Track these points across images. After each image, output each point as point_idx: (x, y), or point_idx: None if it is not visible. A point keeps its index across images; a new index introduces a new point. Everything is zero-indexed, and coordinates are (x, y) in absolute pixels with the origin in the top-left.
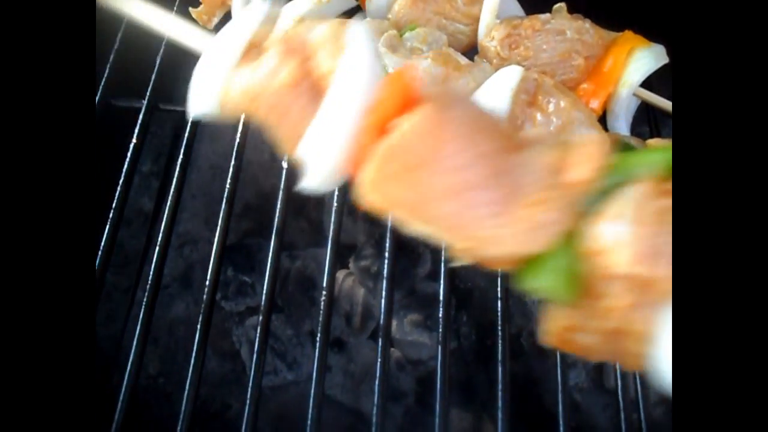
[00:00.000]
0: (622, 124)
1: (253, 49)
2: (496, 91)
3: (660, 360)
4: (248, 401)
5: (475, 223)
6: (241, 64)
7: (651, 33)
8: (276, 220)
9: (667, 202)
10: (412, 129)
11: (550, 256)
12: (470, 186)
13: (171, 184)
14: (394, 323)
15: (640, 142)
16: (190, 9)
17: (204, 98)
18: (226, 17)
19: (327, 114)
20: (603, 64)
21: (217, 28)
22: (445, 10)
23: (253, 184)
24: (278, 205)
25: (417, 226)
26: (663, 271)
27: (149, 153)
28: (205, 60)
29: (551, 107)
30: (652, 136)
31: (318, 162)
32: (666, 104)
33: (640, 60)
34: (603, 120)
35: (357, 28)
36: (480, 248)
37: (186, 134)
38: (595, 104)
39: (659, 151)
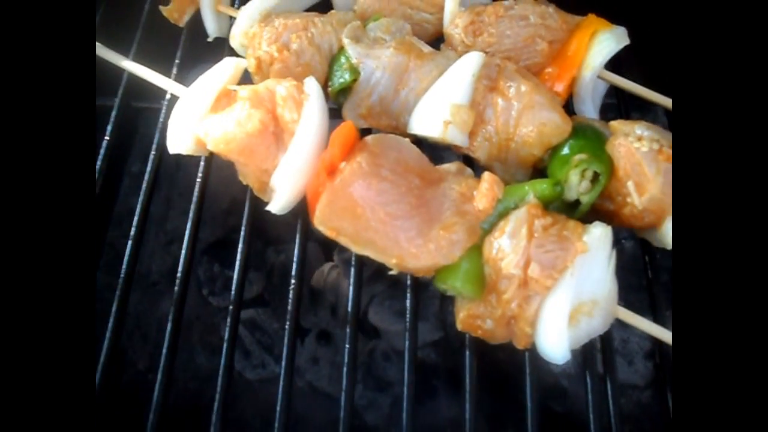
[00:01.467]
0: (588, 107)
1: (222, 99)
2: (457, 78)
3: (541, 339)
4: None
5: (401, 245)
6: (213, 110)
7: (614, 15)
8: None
9: (540, 221)
10: (351, 173)
11: (459, 264)
12: (397, 217)
13: (159, 181)
14: (378, 314)
15: (604, 124)
16: (161, 7)
17: (180, 138)
18: (196, 15)
19: (292, 154)
20: (567, 48)
21: (188, 26)
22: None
23: (239, 180)
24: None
25: (357, 250)
26: (535, 272)
27: (139, 154)
28: (181, 106)
29: (512, 92)
30: (621, 116)
31: (282, 192)
32: (632, 86)
33: (602, 42)
34: (570, 103)
35: (312, 84)
36: (406, 263)
37: (158, 131)
38: (560, 88)
39: (537, 183)
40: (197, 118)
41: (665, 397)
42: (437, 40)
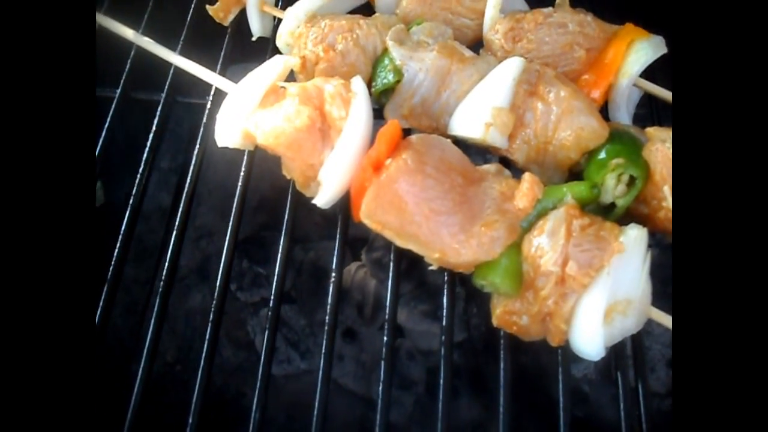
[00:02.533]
0: (623, 114)
1: (270, 95)
2: (499, 82)
3: (576, 335)
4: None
5: (443, 240)
6: (261, 105)
7: (652, 25)
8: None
9: (578, 222)
10: (396, 169)
11: (499, 261)
12: (440, 212)
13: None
14: (404, 313)
15: (639, 131)
16: (207, 6)
17: (229, 133)
18: (242, 15)
19: (340, 150)
20: (604, 55)
21: (233, 25)
22: (451, 5)
23: (268, 178)
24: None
25: (401, 243)
26: (573, 270)
27: (168, 150)
28: (230, 100)
29: (552, 97)
30: (653, 125)
31: (329, 186)
32: (666, 94)
33: (640, 51)
34: (605, 110)
35: (359, 83)
36: (447, 258)
37: (202, 125)
38: (596, 94)
39: (575, 185)
40: (247, 112)
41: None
42: (476, 45)
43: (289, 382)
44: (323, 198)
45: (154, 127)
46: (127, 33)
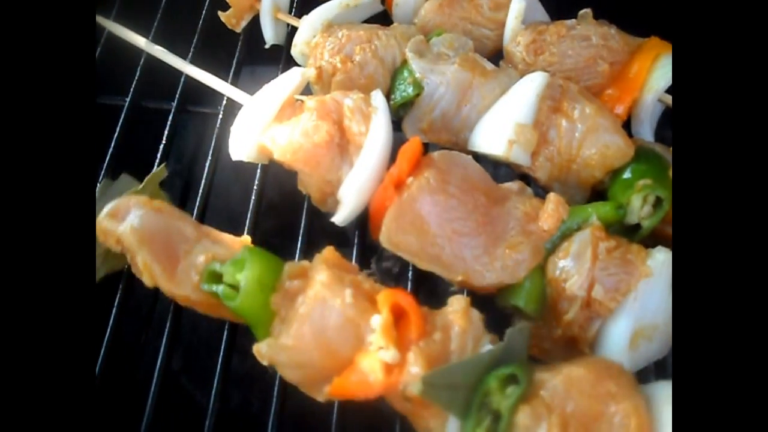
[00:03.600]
0: (646, 130)
1: (287, 108)
2: (522, 97)
3: None
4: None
5: (467, 262)
6: (277, 119)
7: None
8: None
9: (604, 244)
10: (418, 188)
11: (522, 284)
12: (463, 234)
13: (195, 184)
14: None
15: (665, 148)
16: (219, 13)
17: (244, 146)
18: (255, 21)
19: (360, 167)
20: (628, 69)
21: (245, 31)
22: (470, 15)
23: (276, 183)
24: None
25: (422, 265)
26: (599, 294)
27: (173, 153)
28: (245, 113)
29: (576, 113)
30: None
31: (348, 204)
32: None
33: (666, 66)
34: (627, 125)
35: (379, 97)
36: (471, 281)
37: (214, 136)
38: (620, 110)
39: (600, 206)
40: (262, 126)
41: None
42: (496, 56)
43: (297, 392)
44: (342, 216)
45: (164, 138)
46: (139, 41)
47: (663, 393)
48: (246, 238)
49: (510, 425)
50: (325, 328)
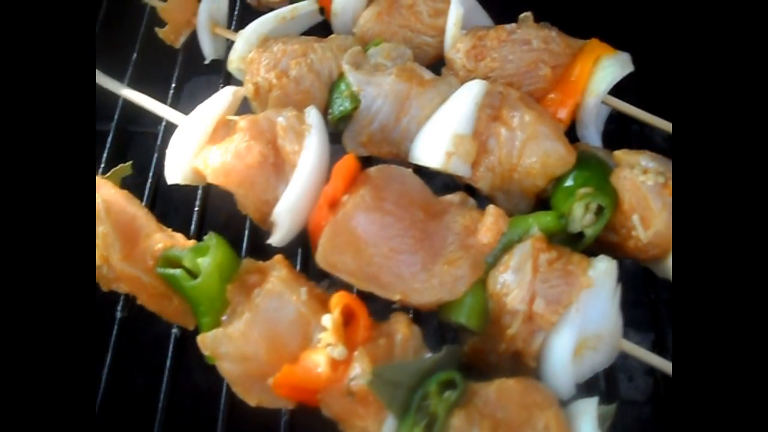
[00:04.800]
0: (592, 133)
1: (221, 128)
2: (460, 107)
3: (545, 373)
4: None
5: (405, 280)
6: (211, 140)
7: (619, 39)
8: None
9: (545, 256)
10: (353, 207)
11: (463, 299)
12: (401, 251)
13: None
14: None
15: (608, 154)
16: (157, 29)
17: (179, 169)
18: (193, 37)
19: (295, 186)
20: (570, 73)
21: (185, 47)
22: (410, 22)
23: (220, 200)
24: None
25: (359, 286)
26: (540, 308)
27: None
28: (179, 135)
29: (516, 122)
30: (625, 143)
31: (283, 225)
32: (635, 111)
33: (606, 69)
34: (573, 129)
35: (314, 114)
36: (410, 298)
37: (155, 157)
38: (563, 114)
39: (542, 216)
40: (195, 148)
41: (665, 413)
42: (438, 63)
43: None
44: (277, 237)
45: (103, 161)
46: None
47: (583, 408)
48: (193, 242)
49: (445, 427)
50: (277, 321)
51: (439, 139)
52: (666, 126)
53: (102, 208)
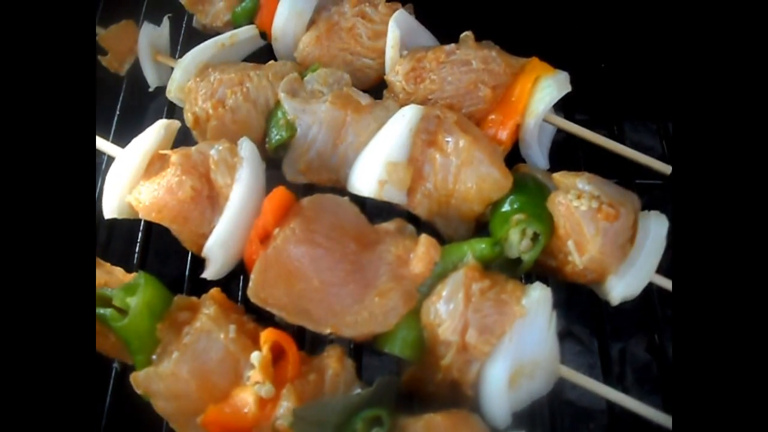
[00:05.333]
0: (535, 152)
1: (156, 162)
2: (394, 134)
3: (482, 402)
4: None
5: (336, 313)
6: (147, 174)
7: (559, 55)
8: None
9: (477, 285)
10: (283, 240)
11: (396, 330)
12: (332, 284)
13: None
14: None
15: (546, 175)
16: (99, 57)
17: (114, 204)
18: (137, 63)
19: (225, 221)
20: (511, 92)
21: (130, 73)
22: (350, 45)
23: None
24: None
25: (292, 321)
26: (473, 338)
27: None
28: (114, 170)
29: (450, 147)
30: (572, 163)
31: (215, 260)
32: (577, 129)
33: (545, 89)
34: (517, 148)
35: (246, 146)
36: (342, 332)
37: (97, 189)
38: (504, 135)
39: (476, 243)
40: (130, 183)
41: None
42: (380, 85)
43: None
44: (211, 272)
45: None
46: None
47: None
48: (134, 276)
49: None
50: (206, 359)
51: (372, 167)
52: (611, 145)
53: None
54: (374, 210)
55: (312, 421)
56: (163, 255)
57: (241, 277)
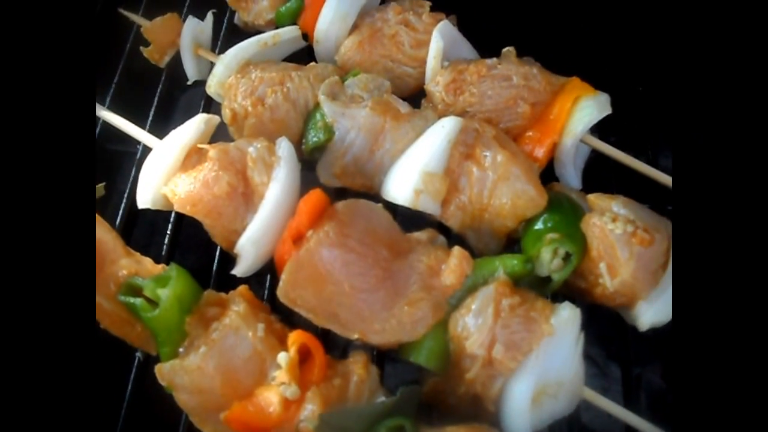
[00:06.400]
0: (570, 172)
1: (194, 155)
2: (433, 144)
3: (504, 418)
4: None
5: (365, 319)
6: (183, 167)
7: (601, 77)
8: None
9: (507, 301)
10: (317, 243)
11: (423, 341)
12: (362, 290)
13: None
14: None
15: (581, 196)
16: (141, 48)
17: (149, 194)
18: (178, 56)
19: (259, 219)
20: (550, 110)
21: (169, 66)
22: (391, 52)
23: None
24: None
25: (319, 323)
26: (499, 353)
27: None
28: (151, 160)
29: (488, 161)
30: (604, 184)
31: (247, 257)
32: (614, 152)
33: (585, 109)
34: (551, 167)
35: (284, 146)
36: (369, 338)
37: (131, 177)
38: (540, 152)
39: (508, 259)
40: (166, 175)
41: None
42: (419, 94)
43: None
44: (241, 269)
45: None
46: None
47: None
48: (163, 267)
49: None
50: (233, 356)
51: (408, 175)
52: (646, 170)
53: None
54: (404, 219)
55: (336, 427)
56: (183, 248)
57: (268, 277)
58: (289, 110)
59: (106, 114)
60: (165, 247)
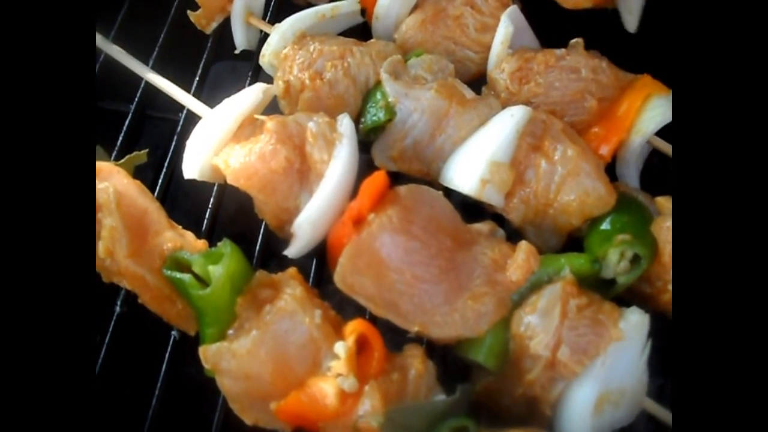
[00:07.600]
0: (632, 173)
1: (247, 126)
2: (500, 133)
3: (562, 424)
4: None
5: (426, 311)
6: (235, 138)
7: (673, 77)
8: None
9: (575, 301)
10: (379, 227)
11: (483, 338)
12: (424, 280)
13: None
14: None
15: (649, 199)
16: (189, 12)
17: (197, 164)
18: (226, 23)
19: (319, 198)
20: (617, 107)
21: (215, 33)
22: (455, 34)
23: (235, 197)
24: None
25: (377, 312)
26: (565, 356)
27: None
28: (201, 129)
29: (557, 155)
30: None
31: (303, 238)
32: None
33: (656, 109)
34: (612, 165)
35: (347, 123)
36: (429, 331)
37: (172, 146)
38: (605, 150)
39: (575, 258)
40: (217, 145)
41: None
42: (479, 81)
43: None
44: (295, 249)
45: (118, 143)
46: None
47: None
48: (203, 243)
49: None
50: (287, 342)
51: (474, 164)
52: None
53: (112, 199)
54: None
55: (401, 425)
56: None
57: (314, 261)
58: (348, 86)
59: (152, 76)
60: (205, 222)
